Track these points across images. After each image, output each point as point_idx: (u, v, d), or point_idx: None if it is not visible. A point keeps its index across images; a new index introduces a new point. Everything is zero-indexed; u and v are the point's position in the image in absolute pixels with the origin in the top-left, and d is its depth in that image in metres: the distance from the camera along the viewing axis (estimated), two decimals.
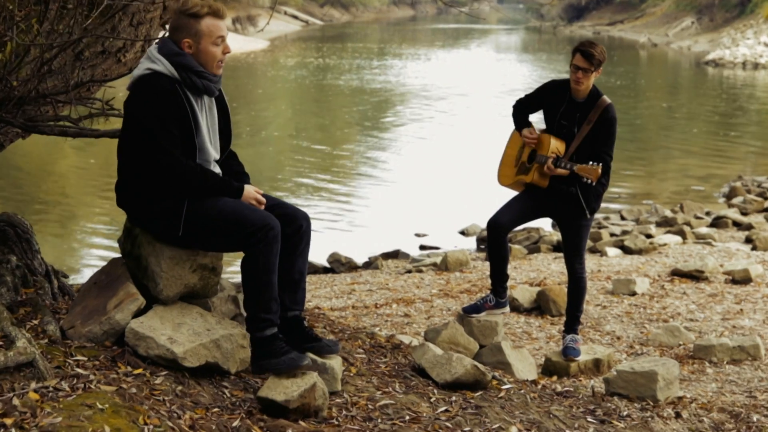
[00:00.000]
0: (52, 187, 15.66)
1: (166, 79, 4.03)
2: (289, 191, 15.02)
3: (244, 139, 20.42)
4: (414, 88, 30.44)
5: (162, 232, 4.05)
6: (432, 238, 12.25)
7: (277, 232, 3.96)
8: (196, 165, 4.04)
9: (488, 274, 9.31)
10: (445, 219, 13.08)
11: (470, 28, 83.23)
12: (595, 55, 5.68)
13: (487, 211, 13.17)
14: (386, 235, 12.29)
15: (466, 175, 16.15)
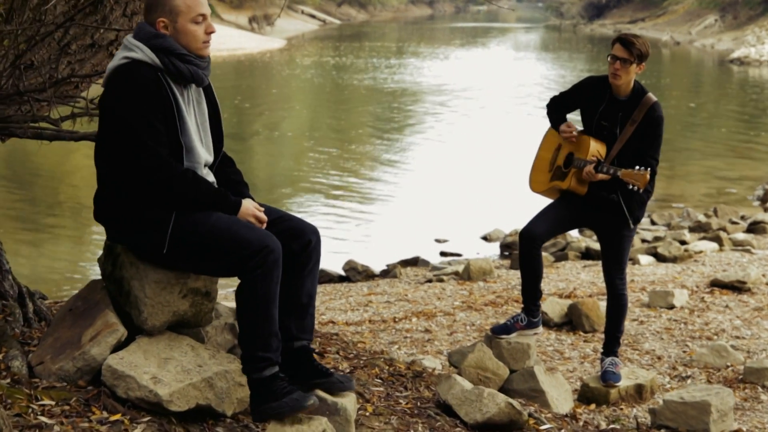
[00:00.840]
0: (65, 191, 15.19)
1: (147, 67, 3.50)
2: (303, 194, 14.48)
3: (256, 139, 19.90)
4: (432, 87, 29.85)
5: (145, 249, 3.50)
6: (453, 243, 11.66)
7: (278, 256, 3.41)
8: (188, 170, 3.49)
9: (514, 285, 8.76)
10: (467, 224, 12.50)
11: (488, 26, 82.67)
12: (635, 44, 5.08)
13: (511, 215, 12.69)
14: (405, 241, 11.72)
15: (487, 177, 15.56)
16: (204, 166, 3.65)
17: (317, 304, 8.19)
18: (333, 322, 7.41)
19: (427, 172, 16.21)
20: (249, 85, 31.62)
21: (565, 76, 34.25)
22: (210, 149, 3.70)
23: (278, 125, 22.00)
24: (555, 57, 44.26)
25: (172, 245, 3.42)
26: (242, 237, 3.39)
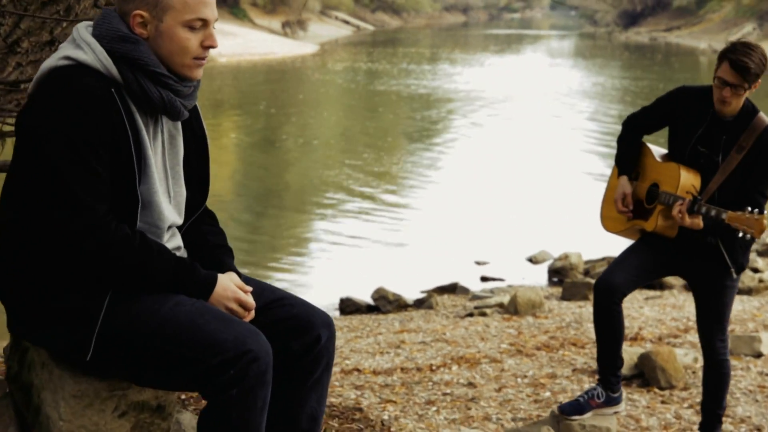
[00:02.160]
0: None
1: (95, 77, 2.37)
2: (328, 209, 13.40)
3: (279, 147, 18.88)
4: (467, 94, 28.74)
5: (62, 350, 2.36)
6: (495, 266, 10.53)
7: (266, 367, 2.30)
8: (135, 233, 2.38)
9: (568, 322, 7.63)
10: (510, 244, 11.38)
11: (522, 33, 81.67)
12: (750, 68, 3.88)
13: (559, 236, 11.52)
14: (441, 263, 10.61)
15: (532, 192, 14.40)
16: (168, 229, 2.54)
17: (341, 344, 7.11)
18: (358, 370, 6.31)
19: (465, 185, 15.08)
20: (277, 90, 30.66)
21: (602, 83, 33.04)
22: (181, 207, 2.61)
23: (304, 132, 20.96)
24: (591, 64, 43.01)
25: (103, 346, 2.31)
26: (211, 336, 2.29)
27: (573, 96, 28.42)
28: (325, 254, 11.07)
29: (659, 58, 47.88)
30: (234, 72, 36.50)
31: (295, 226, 12.59)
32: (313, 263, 10.77)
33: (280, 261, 10.86)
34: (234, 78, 34.42)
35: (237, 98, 27.74)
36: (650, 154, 4.36)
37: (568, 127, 21.69)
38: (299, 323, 2.53)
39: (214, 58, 40.03)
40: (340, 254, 11.05)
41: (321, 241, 11.74)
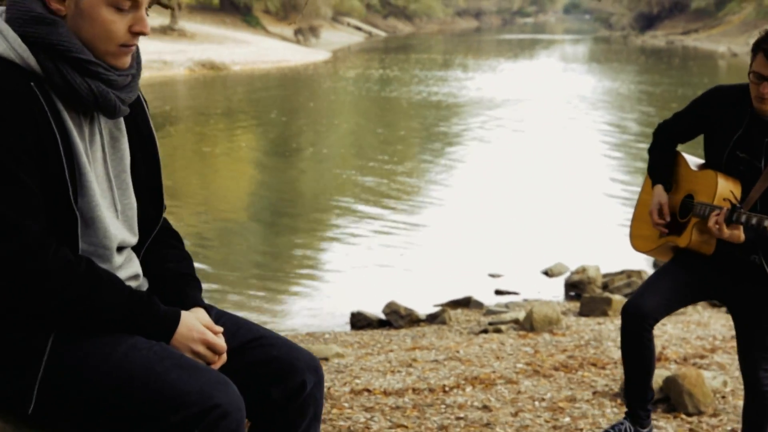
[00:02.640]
0: None
1: (8, 69, 2.01)
2: (337, 218, 13.12)
3: (287, 156, 18.61)
4: (480, 100, 28.44)
5: (0, 400, 2.02)
6: (509, 279, 10.22)
7: (236, 424, 1.95)
8: (80, 259, 2.02)
9: (587, 340, 7.33)
10: (525, 256, 11.06)
11: (536, 38, 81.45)
12: None
13: (575, 247, 11.20)
14: (454, 276, 10.32)
15: (548, 202, 14.07)
16: (118, 250, 2.17)
17: (351, 361, 6.83)
18: (369, 390, 6.03)
19: (479, 195, 14.76)
20: (289, 98, 30.45)
21: (617, 88, 32.70)
22: (132, 222, 2.23)
23: (315, 141, 20.71)
24: (606, 69, 42.63)
25: (47, 397, 1.98)
26: (172, 387, 1.94)
27: (588, 102, 28.09)
28: (336, 266, 10.79)
29: (677, 62, 47.46)
30: (247, 80, 36.33)
31: (306, 238, 12.31)
32: (324, 276, 10.49)
33: (291, 274, 10.59)
34: (247, 86, 34.23)
35: (249, 106, 27.53)
36: (684, 163, 3.98)
37: (584, 134, 21.37)
38: (280, 367, 2.18)
39: (228, 66, 39.90)
40: (351, 266, 10.77)
41: (332, 253, 11.46)
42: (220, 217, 13.28)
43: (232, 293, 9.88)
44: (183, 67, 38.95)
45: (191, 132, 21.98)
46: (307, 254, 11.42)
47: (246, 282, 10.27)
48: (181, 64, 39.21)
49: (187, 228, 12.56)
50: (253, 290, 9.98)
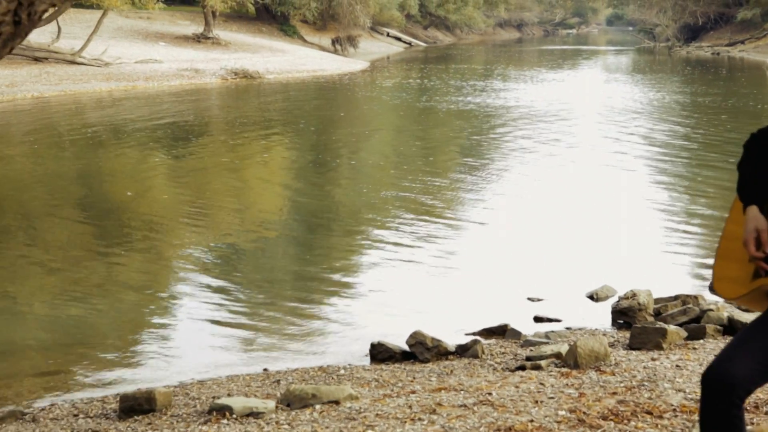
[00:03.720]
0: (138, 214, 13.21)
1: None
2: (371, 240, 12.16)
3: (322, 167, 17.71)
4: (522, 111, 27.42)
5: None
6: (550, 304, 9.21)
7: None
8: None
9: (640, 380, 6.33)
10: (567, 278, 10.05)
11: (578, 49, 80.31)
12: None
13: (624, 269, 10.11)
14: (489, 299, 9.35)
15: (592, 218, 13.03)
16: None
17: (366, 405, 5.89)
18: None
19: (518, 209, 13.73)
20: (322, 107, 29.63)
21: (663, 98, 31.53)
22: None
23: (349, 151, 19.81)
24: (651, 79, 41.42)
25: None
26: None
27: (633, 112, 26.96)
28: (361, 288, 9.84)
29: (724, 73, 46.06)
30: (281, 89, 35.60)
31: (334, 255, 11.34)
32: (347, 299, 9.53)
33: (313, 296, 9.65)
34: (280, 95, 33.47)
35: (282, 116, 26.73)
36: None
37: (630, 145, 20.28)
38: None
39: (262, 75, 39.22)
40: (377, 288, 9.82)
41: (359, 272, 10.52)
42: (251, 230, 12.40)
43: (249, 314, 8.98)
44: (215, 75, 38.29)
45: (222, 142, 21.18)
46: (333, 274, 10.47)
47: (266, 302, 9.38)
48: (213, 73, 38.57)
49: (219, 240, 11.71)
50: (272, 311, 9.08)
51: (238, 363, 7.61)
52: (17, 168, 17.10)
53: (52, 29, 37.70)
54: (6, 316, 8.93)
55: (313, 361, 7.58)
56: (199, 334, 8.45)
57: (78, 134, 21.64)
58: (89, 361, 7.81)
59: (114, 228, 12.50)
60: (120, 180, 16.12)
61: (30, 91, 30.34)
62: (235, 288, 9.85)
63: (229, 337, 8.38)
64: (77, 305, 9.22)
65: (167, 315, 9.05)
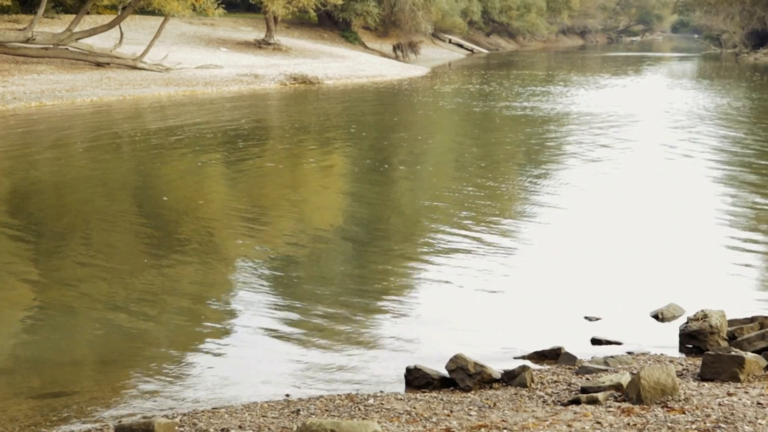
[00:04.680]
0: (193, 219, 12.71)
1: None
2: (423, 249, 11.41)
3: (379, 173, 17.00)
4: (585, 117, 26.45)
5: None
6: (609, 324, 8.36)
7: None
8: None
9: (716, 420, 5.49)
10: (629, 295, 9.19)
11: (643, 56, 78.96)
12: None
13: (691, 284, 9.07)
14: (543, 317, 8.54)
15: (657, 230, 12.07)
16: None
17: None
18: None
19: (578, 219, 12.81)
20: (380, 111, 28.97)
21: (731, 104, 30.34)
22: None
23: (406, 157, 19.06)
24: (717, 85, 40.09)
25: None
26: None
27: (700, 118, 25.84)
28: (405, 304, 9.08)
29: None
30: (340, 94, 35.04)
31: (379, 268, 10.54)
32: (389, 315, 8.76)
33: (352, 311, 8.92)
34: (338, 100, 32.88)
35: (340, 120, 26.13)
36: None
37: (697, 153, 19.25)
38: None
39: (321, 80, 38.75)
40: (421, 304, 9.06)
41: (405, 287, 9.73)
42: (303, 241, 11.71)
43: (284, 331, 8.29)
44: (274, 81, 37.88)
45: (276, 147, 20.60)
46: (378, 288, 9.70)
47: (302, 319, 8.68)
48: (272, 78, 38.16)
49: (269, 251, 11.07)
50: (307, 328, 8.40)
51: (261, 385, 6.92)
52: (74, 172, 16.70)
53: (116, 35, 37.62)
54: (44, 326, 8.37)
55: (341, 386, 6.83)
56: (228, 351, 7.80)
57: (134, 138, 21.25)
58: (104, 380, 7.19)
59: (168, 235, 11.94)
60: (175, 185, 15.62)
61: (89, 96, 30.16)
62: (276, 302, 9.16)
63: (258, 355, 7.69)
64: (116, 317, 8.66)
65: (199, 330, 8.40)
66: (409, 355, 7.43)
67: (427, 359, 7.16)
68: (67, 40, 34.87)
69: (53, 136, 21.72)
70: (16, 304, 9.09)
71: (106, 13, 45.10)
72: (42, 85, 30.75)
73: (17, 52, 33.82)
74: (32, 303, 9.13)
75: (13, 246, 11.20)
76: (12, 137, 21.23)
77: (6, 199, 14.20)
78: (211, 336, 8.20)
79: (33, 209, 13.52)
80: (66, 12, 43.65)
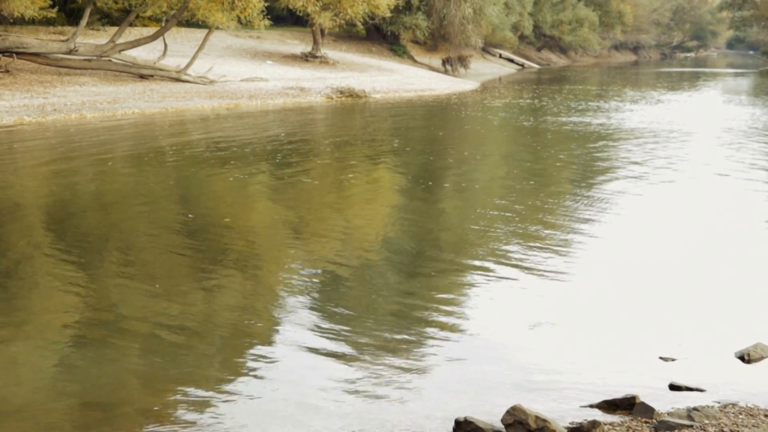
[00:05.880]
0: (236, 236, 11.93)
1: None
2: (469, 273, 10.40)
3: (425, 190, 16.02)
4: (640, 132, 25.31)
5: None
6: (688, 365, 7.30)
7: None
8: None
9: None
10: (707, 330, 8.13)
11: (697, 71, 77.30)
12: None
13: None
14: (612, 358, 7.49)
15: (737, 257, 10.95)
16: None
17: None
18: None
19: (641, 244, 11.66)
20: (428, 126, 28.02)
21: None
22: None
23: (454, 174, 18.06)
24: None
25: None
26: None
27: (763, 136, 24.56)
28: (456, 339, 8.08)
29: None
30: (387, 108, 34.16)
31: (428, 293, 9.54)
32: (436, 353, 7.76)
33: (396, 345, 7.95)
34: (385, 113, 32.00)
35: (386, 135, 25.23)
36: None
37: (763, 174, 18.04)
38: None
39: (368, 94, 37.96)
40: (474, 338, 8.06)
41: (455, 318, 8.69)
42: (347, 260, 10.75)
43: (319, 365, 7.37)
44: (320, 94, 37.13)
45: (320, 162, 19.73)
46: (426, 317, 8.73)
47: (341, 352, 7.77)
48: (319, 92, 37.42)
49: (313, 270, 10.18)
50: (346, 363, 7.48)
51: (291, 427, 6.02)
52: (116, 185, 15.96)
53: (161, 47, 37.13)
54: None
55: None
56: (251, 384, 6.93)
57: (175, 152, 20.50)
58: (145, 403, 6.36)
59: (210, 250, 11.10)
60: (217, 200, 14.79)
61: (131, 108, 29.59)
62: (318, 326, 8.25)
63: (284, 396, 6.76)
64: (158, 338, 7.86)
65: (240, 358, 7.52)
66: (458, 402, 6.45)
67: (480, 410, 6.16)
68: (111, 52, 34.40)
69: (92, 149, 21.04)
70: (54, 324, 8.37)
71: (152, 26, 44.78)
72: (83, 96, 30.26)
73: (60, 64, 33.42)
74: (72, 323, 8.47)
75: (53, 266, 10.41)
76: (43, 149, 20.59)
77: (38, 216, 13.45)
78: (254, 360, 7.45)
79: (69, 228, 12.70)
80: (112, 24, 43.35)
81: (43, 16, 34.45)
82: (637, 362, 7.35)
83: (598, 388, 6.66)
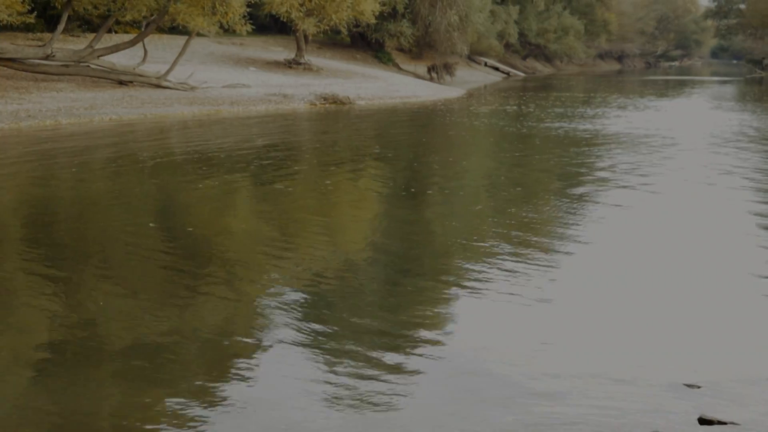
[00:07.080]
0: (218, 246, 11.18)
1: None
2: (458, 287, 9.58)
3: (410, 198, 15.22)
4: (629, 137, 24.67)
5: None
6: (716, 393, 6.48)
7: None
8: None
9: None
10: (733, 353, 7.32)
11: (681, 80, 77.18)
12: None
13: None
14: (628, 385, 6.66)
15: (751, 268, 10.20)
16: None
17: None
18: None
19: (650, 255, 10.78)
20: (412, 133, 27.29)
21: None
22: None
23: (431, 179, 17.27)
24: (764, 108, 38.21)
25: None
26: None
27: (754, 143, 23.94)
28: (444, 365, 7.21)
29: None
30: (371, 114, 33.45)
31: (415, 310, 8.72)
32: (424, 380, 6.93)
33: (378, 372, 7.13)
34: (369, 120, 31.26)
35: (370, 141, 24.48)
36: None
37: (762, 177, 17.36)
38: None
39: (352, 101, 37.25)
40: (464, 365, 7.20)
41: (443, 341, 7.86)
42: (332, 274, 9.89)
43: (306, 382, 6.56)
44: (304, 101, 36.36)
45: (302, 169, 18.92)
46: (413, 336, 7.91)
47: (339, 357, 6.96)
48: (302, 98, 36.65)
49: (296, 282, 9.38)
50: (340, 377, 6.66)
51: None
52: (92, 193, 15.11)
53: (141, 53, 36.31)
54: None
55: None
56: (232, 402, 6.18)
57: (152, 159, 19.63)
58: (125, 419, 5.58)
59: (192, 263, 10.26)
60: (199, 210, 13.93)
61: (108, 114, 28.71)
62: (296, 347, 7.43)
63: (268, 416, 5.97)
64: (137, 352, 7.12)
65: (224, 373, 6.70)
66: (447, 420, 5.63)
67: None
68: (89, 57, 33.51)
69: (63, 157, 20.16)
70: (29, 338, 7.65)
71: (133, 32, 43.90)
72: (60, 103, 29.36)
73: (37, 69, 32.50)
74: (50, 338, 7.77)
75: (31, 279, 9.56)
76: (10, 156, 19.71)
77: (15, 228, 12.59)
78: (236, 378, 6.81)
79: (41, 239, 11.82)
80: (92, 31, 42.46)
81: (21, 21, 33.51)
82: (660, 390, 6.51)
83: (616, 422, 5.85)
